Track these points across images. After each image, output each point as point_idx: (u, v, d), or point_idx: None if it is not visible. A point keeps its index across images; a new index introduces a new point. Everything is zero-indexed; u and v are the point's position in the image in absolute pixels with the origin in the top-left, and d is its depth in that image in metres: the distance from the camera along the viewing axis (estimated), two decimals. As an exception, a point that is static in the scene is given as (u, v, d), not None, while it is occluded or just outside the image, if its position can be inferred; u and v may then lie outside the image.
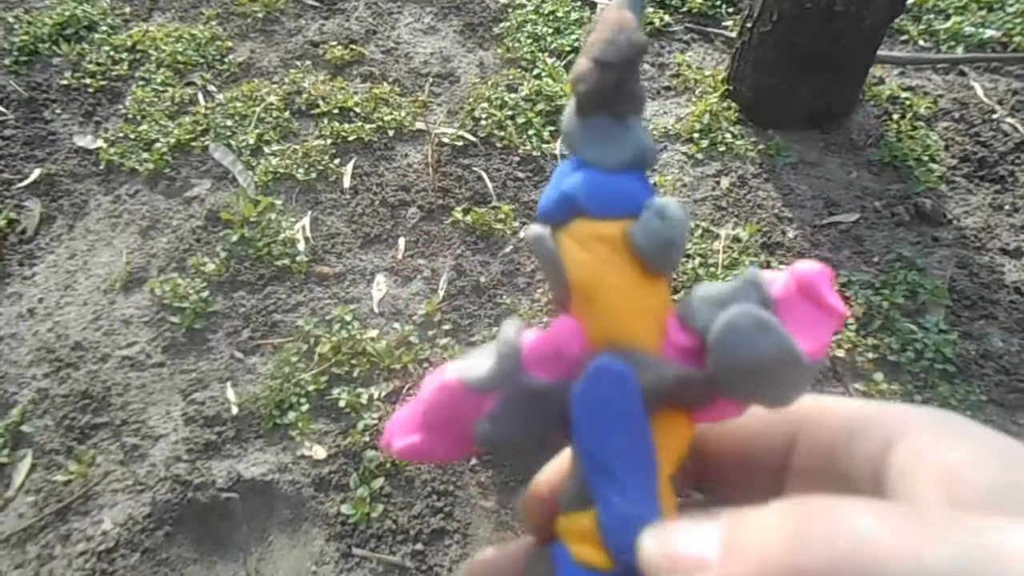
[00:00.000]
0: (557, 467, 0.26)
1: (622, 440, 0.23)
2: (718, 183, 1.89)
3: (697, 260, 1.67)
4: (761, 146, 1.96)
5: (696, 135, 1.98)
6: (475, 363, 0.25)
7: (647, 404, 0.23)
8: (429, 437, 0.25)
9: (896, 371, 1.51)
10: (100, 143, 1.97)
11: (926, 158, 1.92)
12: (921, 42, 2.29)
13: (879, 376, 1.49)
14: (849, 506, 0.16)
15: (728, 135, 1.98)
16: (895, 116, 2.02)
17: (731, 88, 2.06)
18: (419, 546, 1.30)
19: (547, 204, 0.25)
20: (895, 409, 0.22)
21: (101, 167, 1.93)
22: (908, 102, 2.06)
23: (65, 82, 2.12)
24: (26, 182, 1.90)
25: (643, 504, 0.22)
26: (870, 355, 1.53)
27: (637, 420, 0.23)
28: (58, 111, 2.07)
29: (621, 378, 0.23)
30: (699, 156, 1.95)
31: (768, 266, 1.69)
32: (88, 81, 2.12)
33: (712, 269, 1.66)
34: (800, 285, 0.23)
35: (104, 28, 2.28)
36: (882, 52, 2.02)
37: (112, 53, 2.19)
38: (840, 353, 1.52)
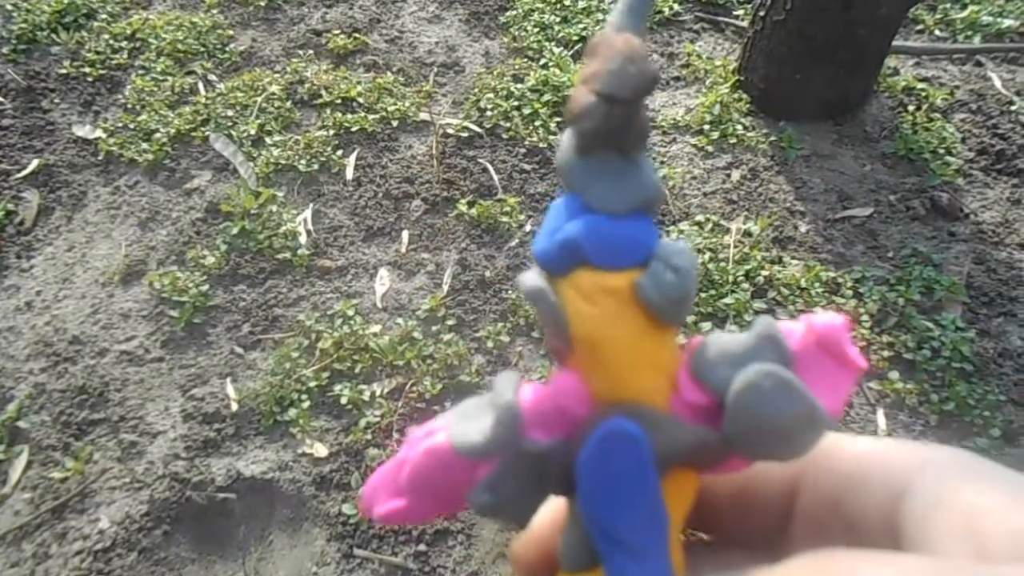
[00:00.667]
0: (552, 517, 0.25)
1: (633, 506, 0.22)
2: (728, 176, 1.85)
3: (708, 255, 1.64)
4: (773, 138, 1.92)
5: (706, 127, 1.94)
6: (469, 426, 0.23)
7: (659, 467, 0.22)
8: (414, 501, 0.24)
9: (912, 370, 1.48)
10: (99, 133, 1.94)
11: (942, 151, 1.88)
12: (937, 32, 2.23)
13: (894, 375, 1.45)
14: (873, 562, 0.16)
15: (739, 127, 1.93)
16: (910, 108, 1.98)
17: (742, 79, 2.01)
18: (422, 547, 1.27)
19: (547, 252, 0.23)
20: (905, 450, 0.21)
21: (100, 158, 1.89)
22: (924, 93, 2.01)
23: (64, 71, 2.09)
24: (24, 172, 1.87)
25: (655, 568, 0.21)
26: (885, 353, 1.49)
27: (650, 485, 0.22)
28: (57, 100, 2.03)
29: (634, 442, 0.21)
30: (709, 148, 1.90)
31: (780, 261, 1.65)
32: (87, 70, 2.08)
33: (723, 264, 1.62)
34: (820, 339, 0.22)
35: (103, 16, 2.24)
36: (897, 42, 1.97)
37: (111, 41, 2.16)
38: (854, 351, 1.48)
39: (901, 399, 1.44)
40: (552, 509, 0.25)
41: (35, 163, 1.88)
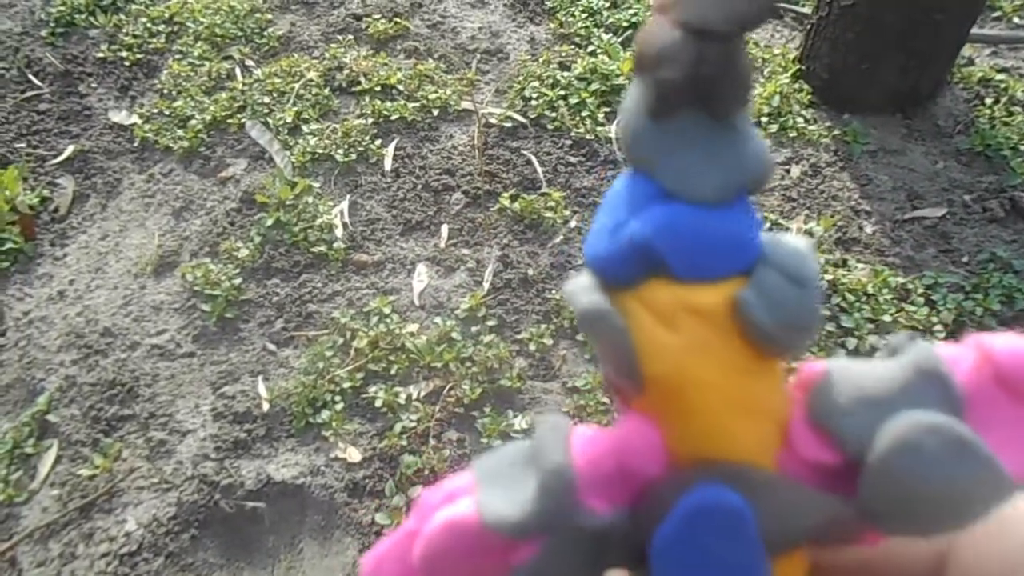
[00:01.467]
0: None
1: None
2: (788, 172, 1.74)
3: (766, 256, 1.53)
4: (836, 132, 1.80)
5: (764, 119, 1.82)
6: (503, 493, 0.17)
7: (770, 549, 0.16)
8: None
9: (990, 386, 1.36)
10: (135, 119, 1.90)
11: (1023, 147, 1.74)
12: (1016, 19, 2.08)
13: (971, 392, 1.34)
14: None
15: (800, 119, 1.82)
16: (987, 100, 1.84)
17: (803, 68, 1.89)
18: (458, 562, 1.21)
19: (609, 257, 0.17)
20: None
21: (135, 144, 1.86)
22: (1003, 85, 1.87)
23: (101, 55, 2.05)
24: (60, 158, 1.84)
25: None
26: (961, 368, 1.37)
27: (752, 572, 0.16)
28: (94, 85, 2.00)
29: (735, 518, 0.16)
30: (767, 142, 1.79)
31: (844, 264, 1.54)
32: (124, 54, 2.05)
33: (782, 267, 1.51)
34: (1001, 372, 0.16)
35: (142, -1, 2.20)
36: (972, 30, 1.83)
37: (149, 25, 2.12)
38: (927, 364, 1.37)
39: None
40: None
41: (71, 149, 1.85)
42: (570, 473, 0.16)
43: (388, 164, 1.77)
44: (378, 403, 1.36)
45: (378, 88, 1.92)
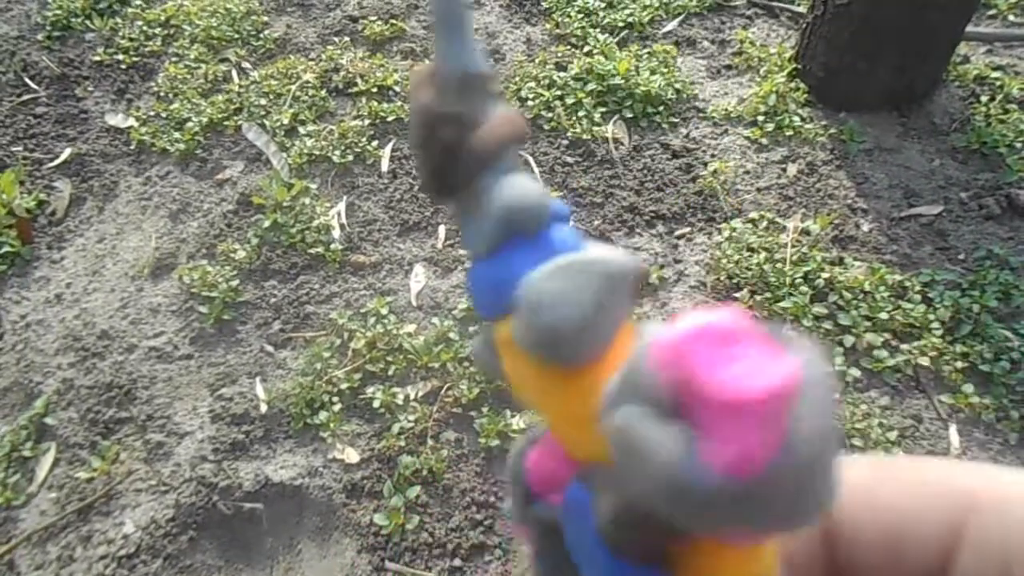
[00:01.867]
0: None
1: None
2: (784, 170, 1.74)
3: (763, 255, 1.53)
4: (832, 130, 1.80)
5: (760, 118, 1.82)
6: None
7: (616, 537, 0.17)
8: None
9: (988, 383, 1.36)
10: (132, 122, 1.90)
11: (1019, 144, 1.74)
12: (1011, 17, 2.08)
13: (969, 388, 1.34)
14: None
15: (796, 118, 1.82)
16: (983, 98, 1.84)
17: (799, 67, 1.89)
18: (457, 562, 1.21)
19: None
20: None
21: (132, 147, 1.85)
22: (998, 83, 1.87)
23: (98, 58, 2.05)
24: (57, 162, 1.84)
25: None
26: (959, 364, 1.37)
27: (600, 559, 0.17)
28: (90, 88, 2.00)
29: (582, 509, 0.18)
30: (763, 141, 1.79)
31: (841, 262, 1.54)
32: (121, 57, 2.04)
33: (779, 265, 1.52)
34: (664, 362, 0.15)
35: (138, 2, 2.20)
36: (968, 28, 1.83)
37: (145, 28, 2.12)
38: (924, 361, 1.37)
39: (976, 415, 1.32)
40: None
41: (68, 152, 1.85)
42: (520, 472, 0.20)
43: (385, 165, 1.77)
44: (376, 404, 1.36)
45: (375, 89, 1.92)
